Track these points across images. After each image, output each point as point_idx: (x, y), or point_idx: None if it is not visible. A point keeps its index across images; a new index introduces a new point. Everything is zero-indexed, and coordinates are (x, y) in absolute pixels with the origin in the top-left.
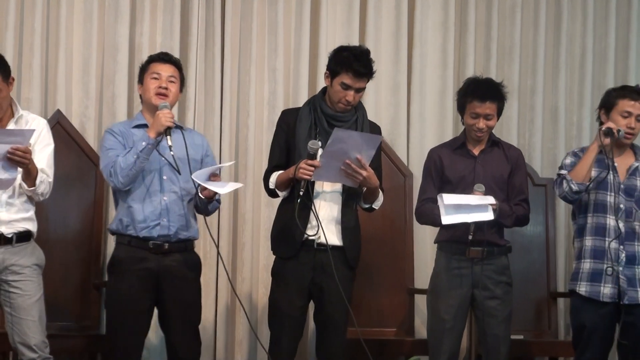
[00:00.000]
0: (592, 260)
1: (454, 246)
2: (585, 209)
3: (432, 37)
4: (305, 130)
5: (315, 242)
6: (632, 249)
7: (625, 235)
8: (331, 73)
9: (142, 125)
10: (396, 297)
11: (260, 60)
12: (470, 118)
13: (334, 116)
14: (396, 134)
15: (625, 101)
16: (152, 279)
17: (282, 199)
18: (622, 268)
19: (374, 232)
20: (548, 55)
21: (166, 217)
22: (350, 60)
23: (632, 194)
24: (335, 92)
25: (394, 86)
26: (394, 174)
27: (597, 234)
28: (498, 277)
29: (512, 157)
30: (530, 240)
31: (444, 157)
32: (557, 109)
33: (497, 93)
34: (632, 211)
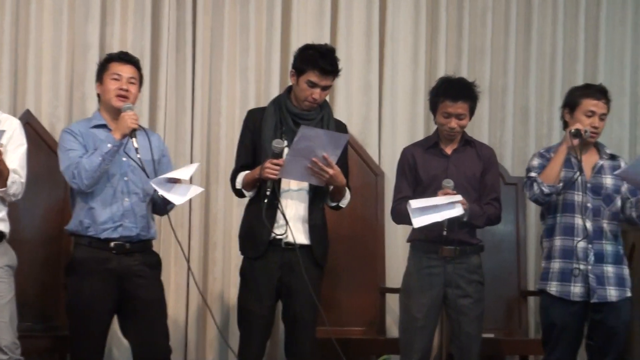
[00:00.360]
0: (562, 260)
1: (426, 245)
2: (554, 209)
3: (404, 37)
4: (270, 129)
5: (283, 242)
6: (600, 248)
7: (593, 234)
8: (297, 71)
9: (101, 126)
10: (367, 296)
11: (231, 59)
12: (443, 118)
13: (300, 115)
14: (367, 133)
15: (589, 100)
16: (115, 280)
17: (249, 198)
18: (591, 267)
19: (346, 232)
20: (519, 54)
21: (129, 218)
22: (316, 58)
23: (599, 192)
24: (301, 90)
25: (365, 85)
26: (365, 173)
27: (566, 234)
28: (470, 275)
29: (485, 156)
30: (501, 239)
31: (417, 156)
32: (527, 108)
33: (469, 93)
34: (599, 209)
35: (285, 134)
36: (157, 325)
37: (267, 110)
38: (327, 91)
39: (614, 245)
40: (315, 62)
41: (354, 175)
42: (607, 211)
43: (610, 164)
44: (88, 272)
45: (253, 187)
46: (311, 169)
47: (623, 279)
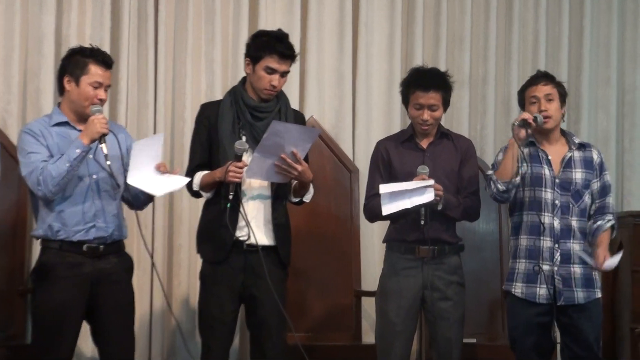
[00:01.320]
0: (527, 260)
1: (403, 246)
2: (520, 206)
3: (378, 25)
4: (228, 124)
5: (245, 244)
6: (567, 247)
7: (561, 232)
8: (253, 59)
9: (63, 123)
10: (342, 300)
11: (196, 50)
12: (414, 109)
13: (257, 107)
14: (341, 127)
15: (530, 89)
16: (87, 285)
17: (205, 199)
18: (557, 268)
19: (318, 232)
20: (500, 42)
21: (101, 218)
22: (272, 43)
23: (567, 188)
24: (259, 78)
25: (338, 77)
26: (338, 170)
27: (532, 233)
28: (449, 277)
29: (462, 148)
30: (482, 238)
31: (391, 151)
32: (509, 99)
33: (441, 82)
34: (568, 206)
35: (243, 128)
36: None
37: (222, 104)
38: (285, 78)
39: (581, 245)
40: (272, 47)
41: (326, 172)
42: (576, 208)
43: (581, 156)
44: (59, 278)
45: (212, 188)
46: (279, 166)
47: (591, 280)
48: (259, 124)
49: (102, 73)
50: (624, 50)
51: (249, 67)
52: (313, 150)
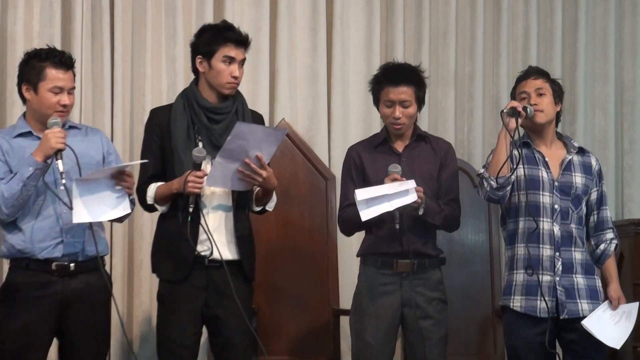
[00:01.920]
0: (525, 271)
1: (379, 259)
2: (516, 212)
3: (355, 19)
4: (182, 130)
5: (207, 259)
6: (568, 256)
7: (561, 240)
8: (206, 55)
9: (26, 134)
10: (319, 319)
11: (156, 48)
12: (385, 107)
13: (214, 108)
14: (315, 130)
15: (520, 84)
16: (56, 306)
17: (160, 213)
18: (559, 278)
19: (291, 245)
20: (487, 37)
21: (69, 233)
22: (223, 32)
23: (567, 192)
24: (219, 72)
25: (311, 76)
26: (313, 177)
27: (530, 241)
28: (430, 293)
29: (441, 152)
30: (471, 250)
31: (364, 156)
32: (498, 98)
33: (412, 76)
34: (568, 212)
35: (199, 133)
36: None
37: (174, 108)
38: (243, 68)
39: (583, 253)
40: (224, 36)
41: (299, 179)
42: (575, 215)
43: (580, 160)
44: (24, 300)
45: (168, 201)
46: (242, 172)
47: (595, 291)
48: (216, 127)
49: (62, 76)
50: (623, 43)
51: (203, 65)
52: (285, 156)
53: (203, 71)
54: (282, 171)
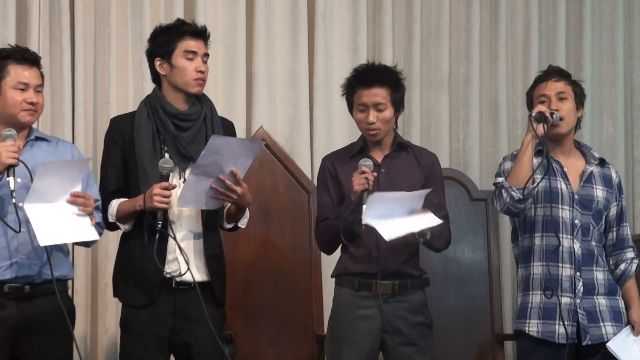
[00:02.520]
0: (543, 292)
1: (356, 280)
2: (532, 227)
3: (339, 16)
4: (147, 140)
5: (174, 281)
6: (590, 276)
7: (582, 259)
8: (164, 55)
9: None
10: (301, 346)
11: (122, 50)
12: (359, 112)
13: (181, 115)
14: (296, 139)
15: (539, 86)
16: (9, 332)
17: (123, 232)
18: (579, 300)
19: (271, 265)
20: (484, 36)
21: (25, 253)
22: (178, 27)
23: (588, 207)
24: (183, 69)
25: (291, 79)
26: (294, 191)
27: (549, 259)
28: (413, 317)
29: (426, 164)
30: (469, 269)
31: (339, 167)
32: (497, 103)
33: (386, 76)
34: (589, 228)
35: (165, 142)
36: None
37: (138, 117)
38: (207, 64)
39: (605, 273)
40: (181, 30)
41: (280, 193)
42: (596, 231)
43: (601, 172)
44: None
45: (131, 219)
46: (216, 190)
47: (619, 313)
48: (184, 135)
49: (26, 73)
50: (632, 42)
51: (164, 67)
52: (263, 167)
53: (165, 73)
54: (260, 184)
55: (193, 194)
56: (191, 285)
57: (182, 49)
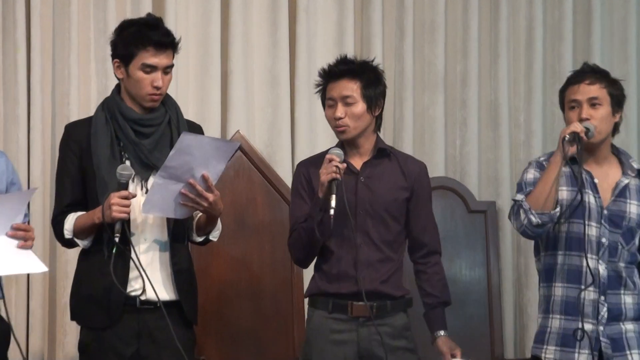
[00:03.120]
0: (563, 316)
1: (330, 301)
2: (554, 244)
3: (324, 10)
4: (105, 147)
5: (139, 300)
6: (616, 300)
7: (608, 281)
8: (123, 59)
9: None
10: None
11: (83, 46)
12: (328, 108)
13: (141, 120)
14: (277, 145)
15: (570, 89)
16: None
17: (81, 249)
18: (602, 327)
19: (248, 285)
20: (483, 32)
21: None
22: (144, 32)
23: (619, 224)
24: (138, 81)
25: (271, 80)
26: (274, 202)
27: (570, 280)
28: (394, 341)
29: (412, 174)
30: (466, 288)
31: (314, 175)
32: (497, 106)
33: (358, 69)
34: (617, 247)
35: (125, 150)
36: None
37: (95, 122)
38: (170, 75)
39: (635, 297)
40: (144, 37)
41: (258, 205)
42: (626, 252)
43: (638, 185)
44: None
45: (90, 234)
46: (186, 196)
47: None
48: (145, 142)
49: None
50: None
51: (121, 71)
52: (240, 176)
53: (121, 77)
54: (236, 195)
55: (160, 199)
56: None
57: (141, 60)
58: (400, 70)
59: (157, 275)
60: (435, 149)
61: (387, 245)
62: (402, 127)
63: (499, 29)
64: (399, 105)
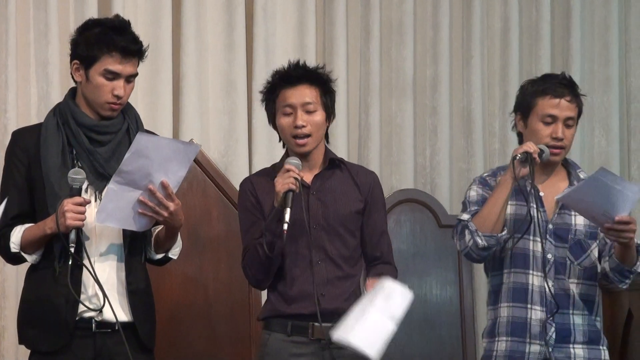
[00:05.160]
0: (509, 338)
1: (289, 323)
2: (501, 262)
3: (283, 9)
4: (55, 155)
5: (94, 322)
6: (565, 321)
7: (556, 300)
8: (84, 62)
9: None
10: None
11: (22, 49)
12: (284, 116)
13: (97, 127)
14: (232, 153)
15: (546, 100)
16: None
17: (30, 265)
18: (551, 349)
19: (202, 305)
20: (455, 33)
21: None
22: (110, 36)
23: (564, 238)
24: (97, 87)
25: (227, 84)
26: (230, 217)
27: (516, 299)
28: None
29: (365, 185)
30: (437, 309)
31: (260, 190)
32: (470, 112)
33: (315, 75)
34: (565, 264)
35: (78, 158)
36: None
37: (45, 128)
38: (133, 84)
39: (586, 317)
40: (110, 41)
41: (213, 219)
42: (576, 267)
43: None
44: None
45: (39, 247)
46: (145, 204)
47: None
48: (100, 151)
49: None
50: (629, 39)
51: (79, 74)
52: (193, 188)
53: (80, 80)
54: (190, 208)
55: (115, 208)
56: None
57: (104, 66)
58: (365, 74)
59: (112, 294)
60: (404, 159)
61: (344, 261)
62: (367, 136)
63: (472, 29)
64: (364, 112)
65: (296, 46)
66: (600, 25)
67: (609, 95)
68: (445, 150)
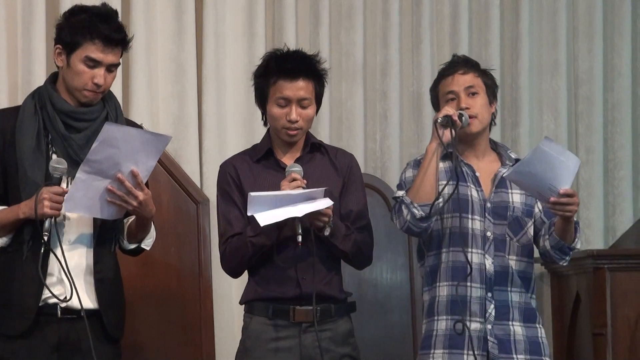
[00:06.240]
0: (450, 317)
1: (270, 306)
2: (439, 242)
3: None
4: (30, 139)
5: (59, 308)
6: (504, 297)
7: (495, 277)
8: (66, 47)
9: None
10: None
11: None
12: (278, 107)
13: (74, 113)
14: (183, 140)
15: (444, 81)
16: None
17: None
18: (490, 326)
19: (153, 290)
20: (404, 18)
21: None
22: (95, 24)
23: (503, 215)
24: (78, 74)
25: (176, 69)
26: (181, 201)
27: (455, 278)
28: (338, 348)
29: (343, 166)
30: (387, 293)
31: (243, 173)
32: (420, 96)
33: (312, 68)
34: (504, 240)
35: (53, 143)
36: None
37: (23, 111)
38: (115, 73)
39: (523, 295)
40: (94, 29)
41: (163, 204)
42: (515, 243)
43: None
44: None
45: (10, 230)
46: (113, 193)
47: (538, 344)
48: (75, 137)
49: None
50: (577, 23)
51: (61, 59)
52: None
53: (61, 65)
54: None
55: (83, 197)
56: (80, 314)
57: (85, 52)
58: None
59: (79, 282)
60: (354, 143)
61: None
62: (317, 120)
63: (421, 14)
64: None
65: (245, 31)
66: (549, 9)
67: (557, 79)
68: (396, 135)
